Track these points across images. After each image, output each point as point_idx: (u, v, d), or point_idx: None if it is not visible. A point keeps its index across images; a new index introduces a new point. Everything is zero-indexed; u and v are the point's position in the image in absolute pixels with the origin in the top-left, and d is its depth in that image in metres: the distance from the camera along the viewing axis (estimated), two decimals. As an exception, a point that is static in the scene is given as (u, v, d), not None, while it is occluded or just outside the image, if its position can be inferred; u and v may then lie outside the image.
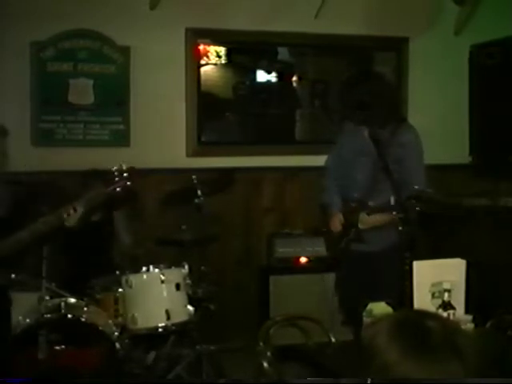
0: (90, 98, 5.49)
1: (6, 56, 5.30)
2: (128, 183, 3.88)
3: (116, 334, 4.08)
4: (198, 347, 4.63)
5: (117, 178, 3.86)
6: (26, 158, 5.29)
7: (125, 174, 3.88)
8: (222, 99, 5.97)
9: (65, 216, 3.71)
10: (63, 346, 3.82)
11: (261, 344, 2.81)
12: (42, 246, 3.97)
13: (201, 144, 5.81)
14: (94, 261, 4.83)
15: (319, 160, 5.91)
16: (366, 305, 3.06)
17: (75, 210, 3.73)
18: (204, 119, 5.82)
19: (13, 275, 4.24)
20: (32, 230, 3.67)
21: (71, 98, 5.45)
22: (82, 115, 5.48)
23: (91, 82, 5.50)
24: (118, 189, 3.86)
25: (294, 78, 6.15)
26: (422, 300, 3.05)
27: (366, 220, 4.05)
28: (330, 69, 6.21)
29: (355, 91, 4.06)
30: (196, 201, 4.83)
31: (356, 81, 4.16)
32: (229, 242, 5.74)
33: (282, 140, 6.17)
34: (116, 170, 3.88)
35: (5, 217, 3.99)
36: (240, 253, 5.86)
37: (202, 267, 4.85)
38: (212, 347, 4.72)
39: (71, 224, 3.74)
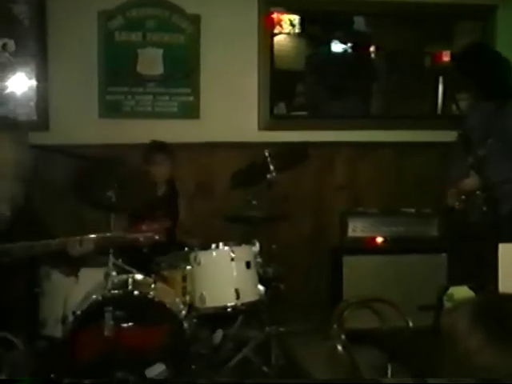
0: (158, 69, 5.51)
1: (73, 26, 5.35)
2: (156, 237, 3.87)
3: (183, 312, 4.08)
4: (267, 329, 4.64)
5: (144, 226, 3.85)
6: (93, 130, 5.37)
7: (155, 226, 3.87)
8: (295, 70, 5.93)
9: (68, 247, 3.74)
10: (129, 324, 3.86)
11: (334, 326, 2.79)
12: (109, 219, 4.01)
13: (273, 117, 5.77)
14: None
15: (396, 135, 5.88)
16: (447, 288, 3.01)
17: (81, 245, 3.75)
18: (276, 91, 5.78)
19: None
20: (34, 248, 3.67)
21: (139, 69, 5.47)
22: (150, 86, 5.51)
23: (160, 51, 5.51)
24: (141, 239, 3.86)
25: (372, 49, 6.06)
26: (508, 284, 2.98)
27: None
28: (409, 39, 6.10)
29: (470, 65, 4.17)
30: (268, 176, 4.81)
31: (471, 55, 4.25)
32: (299, 220, 5.70)
33: (357, 114, 6.10)
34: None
35: (72, 190, 4.07)
36: (311, 231, 5.82)
37: (273, 246, 4.84)
38: (281, 329, 4.72)
39: (73, 254, 3.77)
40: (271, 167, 4.80)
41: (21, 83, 5.27)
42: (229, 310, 4.25)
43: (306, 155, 5.21)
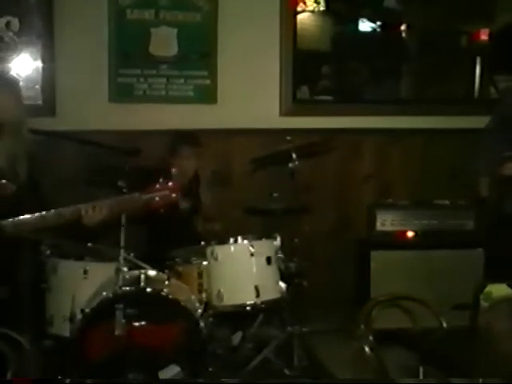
0: (173, 50, 5.50)
1: (82, 3, 5.35)
2: (173, 195, 3.81)
3: (199, 310, 4.09)
4: (288, 328, 4.64)
5: (159, 187, 3.80)
6: (103, 116, 5.38)
7: (170, 184, 3.80)
8: (319, 51, 5.90)
9: (83, 213, 3.72)
10: (142, 323, 3.85)
11: (361, 326, 2.78)
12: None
13: (296, 102, 5.75)
14: (175, 229, 4.88)
15: (428, 121, 5.85)
16: (484, 286, 2.99)
17: (94, 210, 3.73)
18: (299, 74, 5.75)
19: (88, 244, 4.35)
20: (46, 219, 3.66)
21: (152, 50, 5.47)
22: (164, 69, 5.50)
23: (174, 31, 5.50)
24: (157, 198, 3.81)
25: (402, 28, 6.02)
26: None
27: None
28: (443, 17, 6.06)
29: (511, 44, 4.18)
30: (290, 165, 4.80)
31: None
32: (323, 212, 5.69)
33: (386, 98, 6.07)
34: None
35: (82, 178, 4.08)
36: (336, 224, 5.80)
37: (295, 239, 4.83)
38: (304, 329, 4.71)
39: (89, 224, 3.74)
40: (293, 155, 4.78)
41: (25, 65, 5.28)
42: (248, 308, 4.23)
43: (331, 143, 5.20)
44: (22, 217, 3.57)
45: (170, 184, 3.77)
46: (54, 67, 5.30)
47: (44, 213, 3.61)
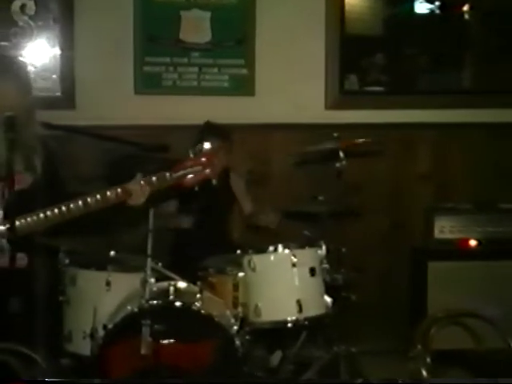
0: (205, 35, 5.52)
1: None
2: (207, 171, 3.80)
3: (235, 327, 4.09)
4: (334, 348, 4.63)
5: (191, 163, 3.79)
6: (128, 109, 5.42)
7: (202, 159, 3.79)
8: (370, 36, 5.88)
9: (110, 202, 3.71)
10: (170, 340, 3.87)
11: (418, 347, 2.77)
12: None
13: (343, 93, 5.75)
14: (208, 236, 4.89)
15: (493, 115, 5.80)
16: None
17: (141, 187, 3.71)
18: (347, 61, 5.75)
19: (111, 252, 4.37)
20: (68, 211, 3.65)
21: (183, 35, 5.49)
22: (195, 57, 5.53)
23: (207, 14, 5.52)
24: (189, 176, 3.80)
25: (465, 9, 5.98)
26: None
27: None
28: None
29: None
30: (337, 165, 4.79)
31: None
32: (375, 216, 5.67)
33: (445, 89, 6.03)
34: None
35: (104, 176, 4.10)
36: (389, 231, 5.78)
37: (343, 248, 4.82)
38: (352, 349, 4.70)
39: (136, 202, 3.72)
40: (340, 153, 4.77)
41: (42, 52, 5.33)
42: (289, 325, 4.22)
43: (381, 139, 5.18)
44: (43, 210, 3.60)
45: (203, 159, 3.77)
46: (74, 55, 5.34)
47: (68, 203, 3.62)
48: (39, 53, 5.31)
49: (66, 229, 3.78)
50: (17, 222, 3.43)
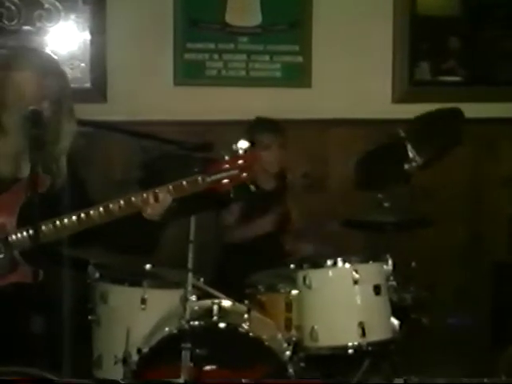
0: (255, 18, 5.56)
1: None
2: (244, 175, 3.81)
3: (287, 352, 4.08)
4: (404, 378, 4.61)
5: (227, 165, 3.80)
6: (166, 102, 5.46)
7: (240, 162, 3.79)
8: (445, 17, 5.86)
9: (140, 204, 3.73)
10: (214, 366, 3.89)
11: (502, 377, 2.77)
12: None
13: (413, 84, 5.77)
14: (258, 247, 4.91)
15: None
16: None
17: (156, 200, 3.74)
18: (418, 47, 5.76)
19: (147, 266, 4.41)
20: (90, 218, 3.68)
21: (229, 18, 5.54)
22: (243, 42, 5.57)
23: (257, -6, 5.57)
24: (225, 180, 3.81)
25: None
26: None
27: None
28: None
29: None
30: (405, 166, 4.78)
31: None
32: (450, 226, 5.66)
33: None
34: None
35: (142, 179, 4.13)
36: (467, 243, 5.77)
37: (413, 262, 4.81)
38: (423, 379, 4.69)
39: (152, 217, 3.73)
40: (410, 154, 4.76)
41: (69, 37, 5.38)
42: (350, 351, 4.21)
43: (459, 137, 5.15)
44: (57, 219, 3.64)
45: (241, 162, 3.78)
46: (105, 40, 5.39)
47: (88, 211, 3.66)
48: (66, 38, 5.37)
49: (96, 238, 3.84)
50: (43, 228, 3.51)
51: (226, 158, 3.77)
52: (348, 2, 5.58)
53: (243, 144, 3.79)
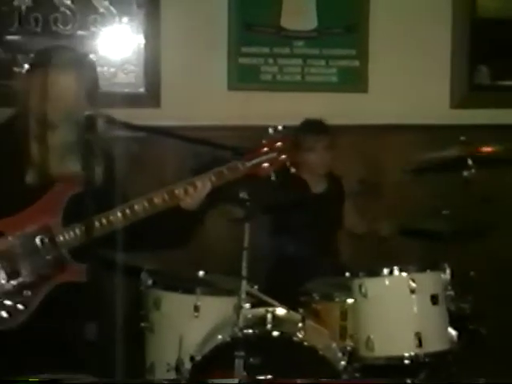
0: (311, 22, 5.54)
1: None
2: (283, 157, 3.80)
3: (342, 362, 4.08)
4: (461, 389, 4.58)
5: (265, 149, 3.80)
6: (221, 107, 5.45)
7: (278, 144, 3.82)
8: (506, 19, 5.80)
9: (182, 196, 3.72)
10: (268, 376, 3.88)
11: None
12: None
13: (473, 88, 5.71)
14: (313, 255, 4.89)
15: None
16: None
17: (195, 189, 3.74)
18: (479, 50, 5.70)
19: (200, 272, 4.40)
20: (132, 212, 3.68)
21: (285, 22, 5.52)
22: (299, 46, 5.55)
23: (313, -3, 5.56)
24: (264, 165, 3.80)
25: None
26: None
27: None
28: None
29: None
30: (464, 174, 4.74)
31: None
32: (509, 234, 5.59)
33: None
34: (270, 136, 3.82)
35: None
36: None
37: (471, 271, 4.76)
38: (482, 390, 4.64)
39: (190, 207, 3.75)
40: (469, 161, 4.71)
41: (123, 42, 5.39)
42: (406, 361, 4.19)
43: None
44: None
45: (278, 144, 3.78)
46: (160, 45, 5.40)
47: (127, 206, 3.67)
48: (120, 43, 5.38)
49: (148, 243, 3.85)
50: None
51: (264, 141, 3.78)
52: (406, 4, 5.54)
53: (280, 127, 3.81)
